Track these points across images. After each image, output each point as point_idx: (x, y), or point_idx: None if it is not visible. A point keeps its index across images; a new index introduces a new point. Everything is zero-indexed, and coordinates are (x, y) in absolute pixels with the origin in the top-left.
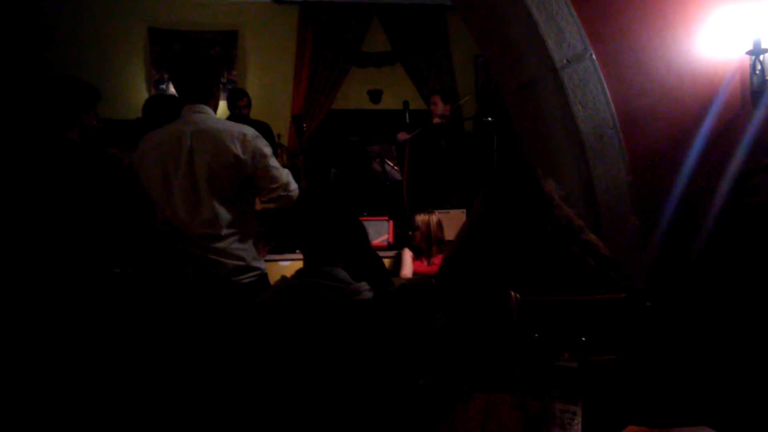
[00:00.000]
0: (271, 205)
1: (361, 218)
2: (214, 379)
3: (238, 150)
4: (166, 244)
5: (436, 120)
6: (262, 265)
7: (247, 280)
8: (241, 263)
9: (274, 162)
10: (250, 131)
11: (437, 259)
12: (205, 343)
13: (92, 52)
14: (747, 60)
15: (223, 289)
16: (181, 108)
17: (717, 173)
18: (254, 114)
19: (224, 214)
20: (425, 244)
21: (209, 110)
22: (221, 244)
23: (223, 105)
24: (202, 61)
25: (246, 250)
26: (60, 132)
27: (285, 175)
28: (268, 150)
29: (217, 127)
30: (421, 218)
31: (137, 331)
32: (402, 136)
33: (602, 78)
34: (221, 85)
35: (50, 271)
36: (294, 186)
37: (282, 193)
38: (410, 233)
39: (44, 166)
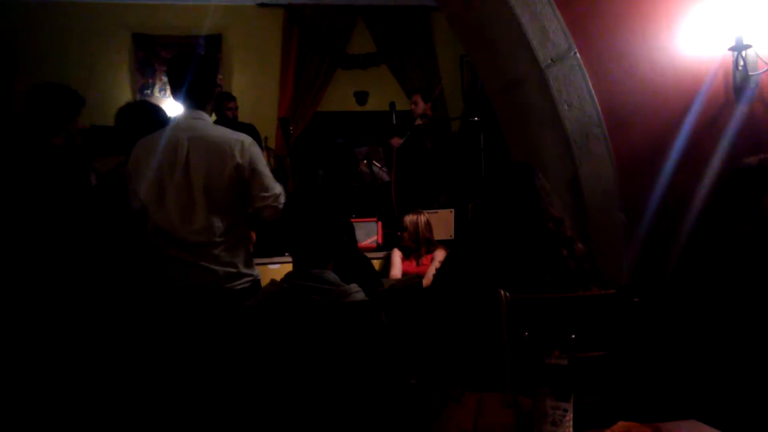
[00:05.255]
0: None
1: (350, 219)
2: (205, 384)
3: (236, 156)
4: (157, 250)
5: (418, 120)
6: (254, 271)
7: (240, 286)
8: (232, 270)
9: (268, 172)
10: (247, 138)
11: (426, 260)
12: (196, 349)
13: (77, 58)
14: (730, 56)
15: (216, 296)
16: (159, 113)
17: (702, 168)
18: (240, 117)
19: (218, 223)
20: (414, 245)
21: (207, 117)
22: (213, 252)
23: None
24: (203, 66)
25: (237, 256)
26: (45, 138)
27: (278, 187)
28: (263, 159)
29: (215, 134)
30: (409, 219)
31: (129, 337)
32: (396, 142)
33: (587, 76)
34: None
35: (36, 278)
36: (283, 200)
37: (272, 204)
38: (399, 233)
39: (28, 172)
